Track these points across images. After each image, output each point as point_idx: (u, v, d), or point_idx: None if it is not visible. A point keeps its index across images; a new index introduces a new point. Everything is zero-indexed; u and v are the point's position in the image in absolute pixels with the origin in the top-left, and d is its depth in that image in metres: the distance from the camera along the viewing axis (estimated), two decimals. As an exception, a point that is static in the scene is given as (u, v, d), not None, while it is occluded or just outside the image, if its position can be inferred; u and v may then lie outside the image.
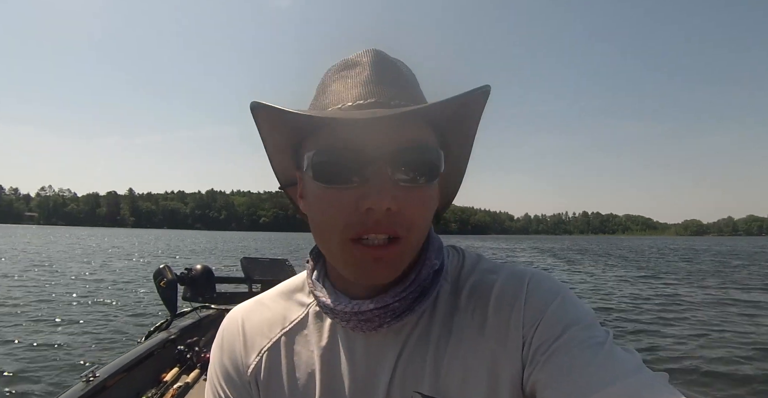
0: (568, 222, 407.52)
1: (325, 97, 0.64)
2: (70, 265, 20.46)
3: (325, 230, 0.61)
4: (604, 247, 59.68)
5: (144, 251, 34.37)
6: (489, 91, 0.58)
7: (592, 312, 0.63)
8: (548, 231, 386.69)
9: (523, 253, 37.90)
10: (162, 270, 3.10)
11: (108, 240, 53.42)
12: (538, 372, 0.58)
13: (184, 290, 3.19)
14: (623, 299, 12.49)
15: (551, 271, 19.98)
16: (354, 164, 0.58)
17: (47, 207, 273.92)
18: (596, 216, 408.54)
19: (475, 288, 0.68)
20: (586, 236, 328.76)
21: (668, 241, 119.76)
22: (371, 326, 0.65)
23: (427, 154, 0.60)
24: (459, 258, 0.74)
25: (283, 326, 0.74)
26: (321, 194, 0.61)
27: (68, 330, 8.18)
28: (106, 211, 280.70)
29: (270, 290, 0.81)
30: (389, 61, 0.65)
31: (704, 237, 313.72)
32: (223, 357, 0.75)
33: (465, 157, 0.71)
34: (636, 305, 11.39)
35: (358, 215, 0.57)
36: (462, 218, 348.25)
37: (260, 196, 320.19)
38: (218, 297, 3.34)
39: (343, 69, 0.64)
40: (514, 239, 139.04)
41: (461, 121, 0.64)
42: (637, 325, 9.04)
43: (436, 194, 0.64)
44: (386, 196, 0.55)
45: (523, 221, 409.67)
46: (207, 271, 3.24)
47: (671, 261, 29.61)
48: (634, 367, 0.54)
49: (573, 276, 18.87)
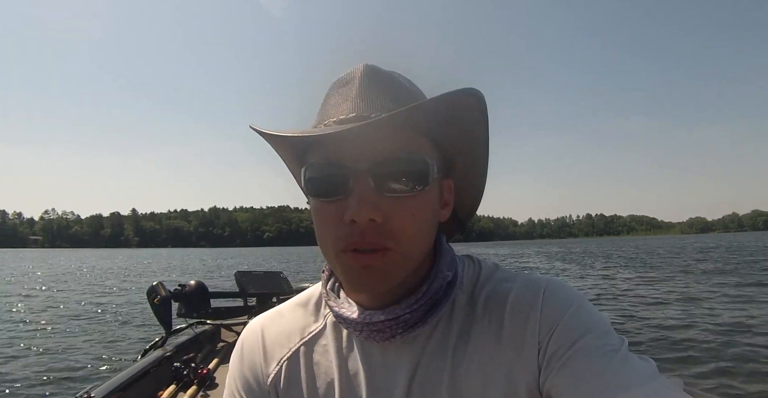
0: (572, 225, 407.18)
1: (321, 114, 0.66)
2: (64, 286, 20.52)
3: (322, 242, 0.63)
4: (610, 249, 58.32)
5: (147, 270, 34.32)
6: (479, 94, 0.57)
7: (608, 320, 0.63)
8: (553, 235, 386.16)
9: (537, 258, 36.90)
10: (155, 287, 3.04)
11: (110, 262, 53.31)
12: (554, 378, 0.58)
13: (179, 306, 3.14)
14: (645, 302, 11.99)
15: (570, 278, 19.46)
16: (338, 178, 0.59)
17: (51, 230, 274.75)
18: (600, 218, 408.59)
19: (490, 297, 0.68)
20: (591, 238, 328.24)
21: (675, 240, 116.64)
22: (383, 337, 0.65)
23: (409, 163, 0.60)
24: (475, 269, 0.74)
25: (302, 336, 0.75)
26: (316, 208, 0.63)
27: (63, 350, 8.17)
28: (110, 232, 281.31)
29: (288, 301, 0.82)
30: (381, 74, 0.65)
31: (710, 234, 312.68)
32: (242, 367, 0.76)
33: (476, 165, 0.71)
34: (658, 309, 10.86)
35: (345, 227, 0.58)
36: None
37: (263, 211, 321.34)
38: (213, 312, 3.30)
39: (340, 86, 0.66)
40: (521, 245, 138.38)
41: (457, 127, 0.63)
42: (661, 331, 8.53)
43: (431, 202, 0.64)
44: (366, 206, 0.56)
45: (528, 226, 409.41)
46: (201, 287, 3.20)
47: (690, 261, 28.05)
48: (648, 375, 0.54)
49: (597, 282, 17.91)
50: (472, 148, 0.68)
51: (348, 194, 0.59)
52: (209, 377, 2.60)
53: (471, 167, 0.71)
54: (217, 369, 2.84)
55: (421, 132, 0.62)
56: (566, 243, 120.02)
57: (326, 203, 0.61)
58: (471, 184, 0.74)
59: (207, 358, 3.03)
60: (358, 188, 0.58)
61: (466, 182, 0.73)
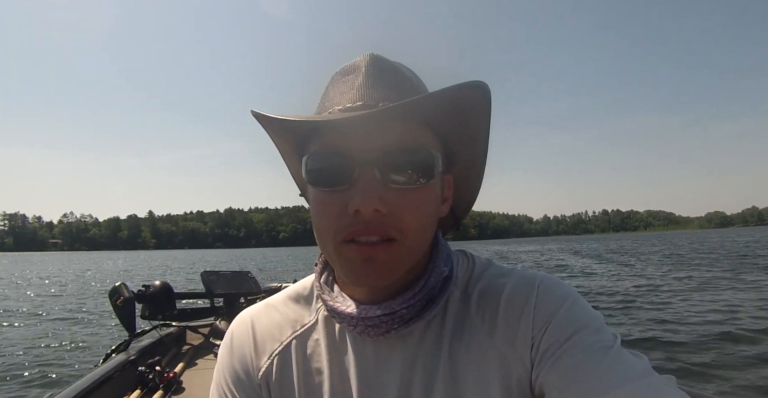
0: (588, 222, 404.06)
1: (323, 102, 0.65)
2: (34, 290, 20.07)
3: (321, 233, 0.62)
4: (640, 244, 55.60)
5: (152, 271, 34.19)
6: (485, 87, 0.56)
7: (601, 317, 0.63)
8: (569, 232, 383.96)
9: (574, 258, 33.66)
10: (118, 288, 2.95)
11: (126, 262, 53.48)
12: (546, 374, 0.58)
13: (143, 308, 3.03)
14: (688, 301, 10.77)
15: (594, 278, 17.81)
16: (342, 167, 0.58)
17: (70, 233, 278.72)
18: (616, 214, 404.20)
19: (484, 292, 0.68)
20: (608, 234, 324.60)
21: (696, 235, 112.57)
22: (378, 332, 0.64)
23: (416, 154, 0.59)
24: (469, 264, 0.74)
25: (294, 329, 0.74)
26: (316, 198, 0.61)
27: (17, 356, 7.78)
28: (127, 234, 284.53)
29: (279, 293, 0.80)
30: (386, 64, 0.65)
31: (730, 228, 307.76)
32: (232, 359, 0.75)
33: (476, 161, 0.70)
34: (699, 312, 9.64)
35: (348, 218, 0.57)
36: (481, 223, 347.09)
37: (278, 211, 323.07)
38: (179, 314, 3.19)
39: (344, 74, 0.65)
40: (537, 241, 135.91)
41: (462, 121, 0.62)
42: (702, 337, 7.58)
43: (435, 196, 0.63)
44: (372, 197, 0.56)
45: (543, 223, 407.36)
46: (166, 287, 3.09)
47: (720, 258, 25.17)
48: (641, 371, 0.54)
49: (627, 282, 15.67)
50: (474, 143, 0.67)
51: (352, 184, 0.57)
52: (175, 381, 2.52)
53: (471, 163, 0.70)
54: (184, 373, 2.77)
55: (426, 124, 0.61)
56: (584, 240, 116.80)
57: (329, 193, 0.59)
58: (470, 181, 0.73)
59: (173, 361, 2.95)
60: (364, 178, 0.57)
61: (465, 178, 0.73)
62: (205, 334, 3.30)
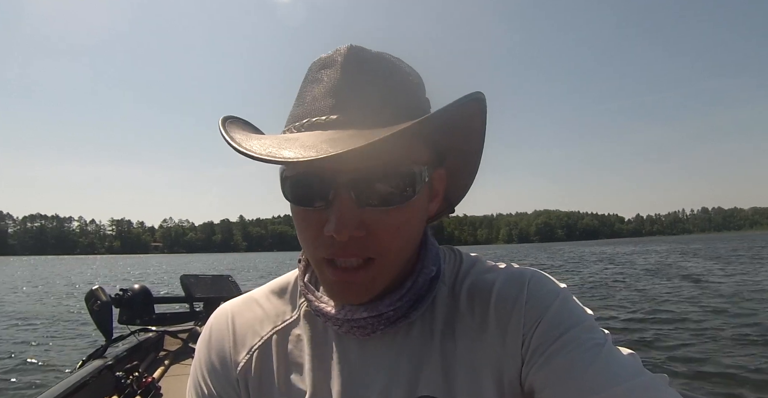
0: (686, 221, 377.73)
1: (297, 106, 0.60)
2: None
3: (303, 245, 0.61)
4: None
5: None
6: (482, 100, 0.54)
7: (592, 315, 0.62)
8: (664, 232, 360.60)
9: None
10: (95, 291, 2.92)
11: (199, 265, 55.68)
12: (537, 372, 0.57)
13: (120, 313, 3.01)
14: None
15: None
16: (316, 188, 0.56)
17: (169, 237, 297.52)
18: (718, 212, 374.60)
19: (474, 289, 0.67)
20: (709, 234, 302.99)
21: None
22: (364, 332, 0.63)
23: (396, 174, 0.56)
24: (456, 261, 0.73)
25: (275, 324, 0.72)
26: (296, 213, 0.59)
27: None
28: (220, 238, 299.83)
29: (261, 287, 0.78)
30: (364, 58, 0.59)
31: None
32: (210, 354, 0.73)
33: (471, 150, 0.66)
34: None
35: (325, 238, 0.55)
36: (568, 223, 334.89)
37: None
38: (158, 318, 3.14)
39: (320, 68, 0.60)
40: (631, 242, 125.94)
41: (456, 124, 0.60)
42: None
43: (418, 210, 0.61)
44: (346, 223, 0.53)
45: (635, 222, 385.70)
46: (144, 292, 3.06)
47: None
48: (633, 370, 0.54)
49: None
50: (469, 136, 0.63)
51: (328, 205, 0.55)
52: (153, 386, 2.47)
53: (467, 153, 0.67)
54: (162, 378, 2.72)
55: (410, 136, 0.55)
56: (686, 240, 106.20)
57: (304, 210, 0.58)
58: (467, 168, 0.70)
59: (151, 367, 2.92)
60: (338, 202, 0.54)
61: (462, 166, 0.69)
62: (184, 339, 3.24)
